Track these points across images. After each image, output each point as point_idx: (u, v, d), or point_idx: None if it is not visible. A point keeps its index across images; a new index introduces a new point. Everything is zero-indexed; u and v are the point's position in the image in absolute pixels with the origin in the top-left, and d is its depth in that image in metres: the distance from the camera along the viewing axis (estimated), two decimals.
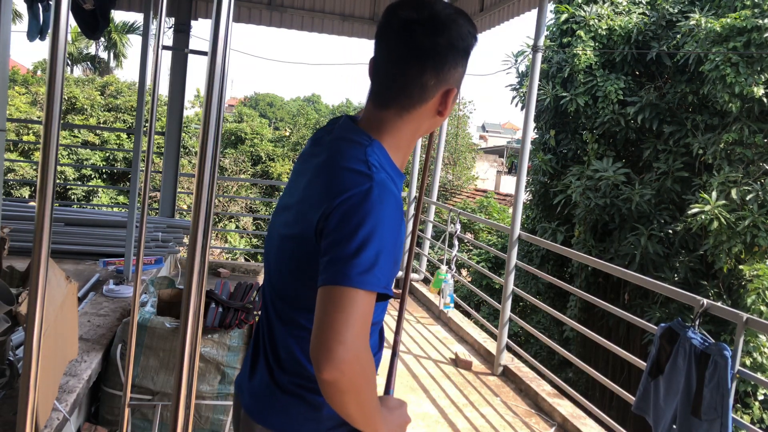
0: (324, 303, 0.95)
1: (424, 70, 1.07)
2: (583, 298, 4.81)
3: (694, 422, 2.37)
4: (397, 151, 1.14)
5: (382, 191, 1.01)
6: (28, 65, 25.93)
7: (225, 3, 0.79)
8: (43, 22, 3.53)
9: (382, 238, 0.97)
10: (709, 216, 7.89)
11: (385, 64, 1.10)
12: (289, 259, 1.11)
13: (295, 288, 1.11)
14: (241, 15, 6.26)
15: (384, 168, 1.07)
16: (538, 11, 4.28)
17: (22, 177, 13.92)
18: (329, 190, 1.02)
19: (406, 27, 1.07)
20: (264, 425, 1.13)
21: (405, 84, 1.08)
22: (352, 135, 1.11)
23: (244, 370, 1.25)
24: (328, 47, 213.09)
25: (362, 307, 0.94)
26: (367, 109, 1.16)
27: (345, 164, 1.05)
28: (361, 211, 0.98)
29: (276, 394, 1.13)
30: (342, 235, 0.97)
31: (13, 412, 2.03)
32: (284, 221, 1.15)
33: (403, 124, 1.12)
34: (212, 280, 5.50)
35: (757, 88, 7.91)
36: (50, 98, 0.73)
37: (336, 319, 0.92)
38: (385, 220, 0.99)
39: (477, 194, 19.60)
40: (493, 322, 5.97)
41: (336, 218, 0.99)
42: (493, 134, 52.50)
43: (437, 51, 1.06)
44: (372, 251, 0.96)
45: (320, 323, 0.93)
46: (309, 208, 1.05)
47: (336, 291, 0.94)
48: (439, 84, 1.09)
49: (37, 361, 0.76)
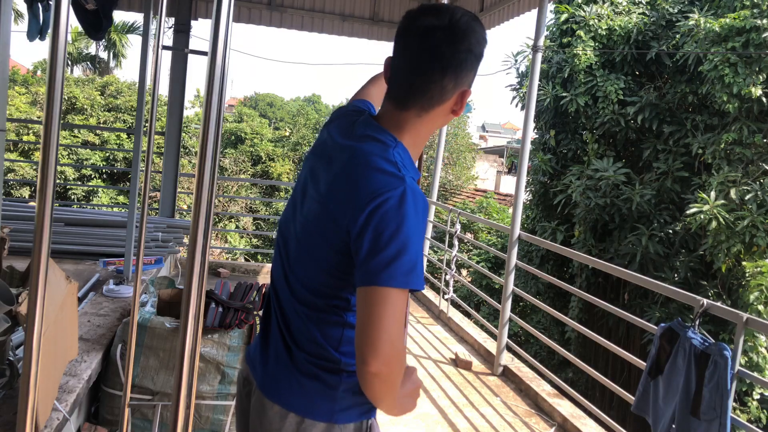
0: (369, 302, 1.02)
1: (445, 75, 1.14)
2: (582, 298, 4.82)
3: (693, 422, 2.37)
4: (414, 149, 1.20)
5: (414, 193, 1.07)
6: (28, 65, 25.93)
7: (225, 3, 0.79)
8: (43, 22, 3.52)
9: (417, 239, 1.06)
10: (708, 216, 7.89)
11: (407, 67, 1.16)
12: (315, 248, 1.16)
13: (318, 275, 1.16)
14: (241, 15, 6.26)
15: (408, 169, 1.13)
16: (538, 11, 4.28)
17: (22, 177, 13.92)
18: (362, 191, 1.07)
19: (427, 34, 1.13)
20: (280, 404, 1.18)
21: (426, 88, 1.15)
22: (378, 134, 1.16)
23: (256, 350, 1.29)
24: (328, 47, 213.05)
25: (403, 304, 1.04)
26: (386, 109, 1.21)
27: (375, 165, 1.10)
28: (399, 215, 1.04)
29: (294, 374, 1.18)
30: (384, 239, 1.03)
31: (13, 412, 2.03)
32: (309, 210, 1.18)
33: (422, 123, 1.19)
34: (212, 280, 5.50)
35: (756, 88, 7.92)
36: (50, 98, 0.73)
37: (382, 317, 1.01)
38: (419, 222, 1.07)
39: (477, 194, 19.60)
40: (493, 322, 5.98)
41: (375, 221, 1.04)
42: (493, 134, 52.50)
43: (457, 57, 1.13)
44: (412, 252, 1.04)
45: (367, 321, 1.01)
46: (338, 205, 1.11)
47: (382, 292, 1.02)
48: (457, 87, 1.16)
49: (37, 361, 0.76)
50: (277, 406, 1.18)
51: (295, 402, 1.17)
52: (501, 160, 32.97)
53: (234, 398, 2.77)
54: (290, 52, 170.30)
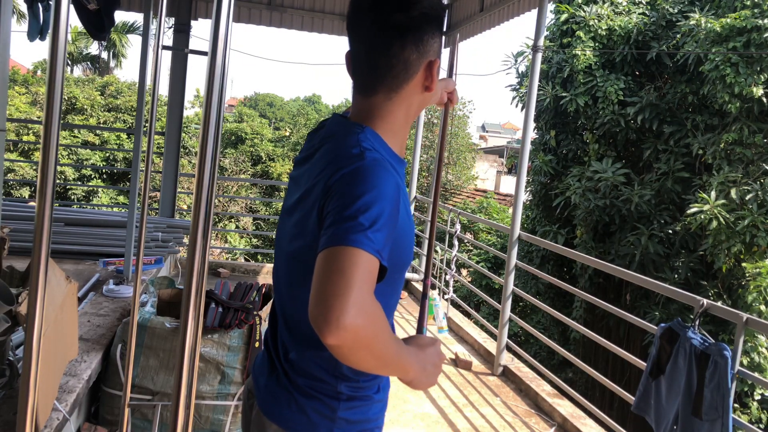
0: (321, 266, 0.90)
1: (404, 46, 1.07)
2: (583, 298, 4.82)
3: (695, 422, 2.37)
4: (393, 137, 1.13)
5: (376, 164, 1.00)
6: (28, 65, 25.91)
7: (225, 3, 0.79)
8: (43, 22, 3.52)
9: (380, 205, 0.95)
10: (708, 216, 7.89)
11: (365, 49, 1.10)
12: (300, 264, 1.10)
13: (305, 307, 1.09)
14: (241, 15, 6.26)
15: (378, 151, 1.06)
16: (538, 11, 4.28)
17: (22, 177, 13.92)
18: (328, 176, 1.02)
19: (377, 6, 1.07)
20: (278, 424, 1.15)
21: (388, 64, 1.08)
22: (343, 128, 1.11)
23: (259, 370, 1.25)
24: (328, 47, 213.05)
25: (362, 266, 0.89)
26: (354, 102, 1.15)
27: (340, 151, 1.05)
28: (357, 179, 0.97)
29: (293, 395, 1.14)
30: (340, 203, 0.96)
31: (13, 412, 2.03)
32: (288, 233, 1.14)
33: (394, 106, 1.12)
34: (212, 280, 5.50)
35: (757, 88, 7.92)
36: (50, 98, 0.73)
37: (333, 280, 0.87)
38: (382, 188, 0.97)
39: (477, 194, 19.60)
40: (493, 322, 5.97)
41: (335, 192, 0.98)
42: (493, 134, 52.48)
43: (413, 24, 1.06)
44: (370, 215, 0.93)
45: (319, 286, 0.89)
46: (311, 203, 1.05)
47: (332, 252, 0.90)
48: (421, 57, 1.09)
49: (37, 361, 0.76)
50: (275, 425, 1.15)
51: (293, 422, 1.14)
52: (501, 160, 32.98)
53: (234, 398, 2.77)
54: (290, 52, 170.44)
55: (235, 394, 2.77)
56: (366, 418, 1.15)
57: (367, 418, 1.16)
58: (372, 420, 1.17)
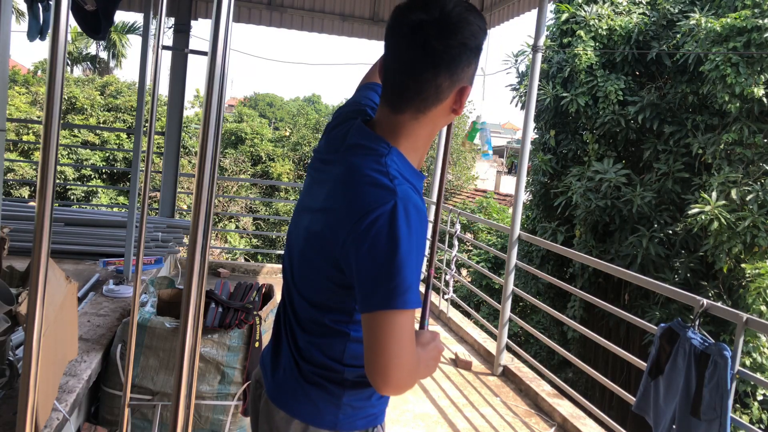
0: (372, 328, 1.01)
1: (438, 73, 1.06)
2: (583, 298, 4.81)
3: (693, 422, 2.37)
4: (414, 153, 1.14)
5: (406, 205, 1.01)
6: (28, 65, 25.91)
7: (225, 3, 0.79)
8: (43, 22, 3.51)
9: (412, 255, 1.01)
10: (709, 216, 7.88)
11: (398, 68, 1.09)
12: (314, 262, 1.14)
13: (318, 290, 1.15)
14: (241, 15, 6.26)
15: (404, 176, 1.07)
16: (538, 11, 4.28)
17: (22, 177, 13.91)
18: (353, 208, 1.03)
19: (416, 30, 1.05)
20: (286, 411, 1.19)
21: (419, 88, 1.07)
22: (369, 142, 1.10)
23: (266, 359, 1.29)
24: (328, 47, 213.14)
25: (407, 325, 1.01)
26: (381, 113, 1.14)
27: (366, 178, 1.05)
28: (390, 234, 1.00)
29: (300, 383, 1.18)
30: (378, 262, 1.00)
31: (13, 412, 2.03)
32: (309, 224, 1.16)
33: (419, 126, 1.12)
34: (212, 280, 5.50)
35: (757, 88, 7.91)
36: (50, 98, 0.73)
37: (386, 342, 0.99)
38: (413, 237, 1.01)
39: (477, 194, 19.60)
40: (493, 322, 5.97)
41: (368, 242, 1.00)
42: (493, 134, 52.34)
43: (450, 53, 1.05)
44: (407, 271, 1.00)
45: (375, 347, 1.00)
46: (334, 222, 1.07)
47: (383, 317, 1.00)
48: (453, 84, 1.08)
49: (37, 361, 0.76)
50: (283, 412, 1.19)
51: (300, 409, 1.18)
52: (501, 160, 32.98)
53: (233, 398, 2.77)
54: (290, 52, 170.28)
55: (235, 394, 2.78)
56: (370, 404, 1.20)
57: (372, 404, 1.21)
58: (376, 406, 1.22)
